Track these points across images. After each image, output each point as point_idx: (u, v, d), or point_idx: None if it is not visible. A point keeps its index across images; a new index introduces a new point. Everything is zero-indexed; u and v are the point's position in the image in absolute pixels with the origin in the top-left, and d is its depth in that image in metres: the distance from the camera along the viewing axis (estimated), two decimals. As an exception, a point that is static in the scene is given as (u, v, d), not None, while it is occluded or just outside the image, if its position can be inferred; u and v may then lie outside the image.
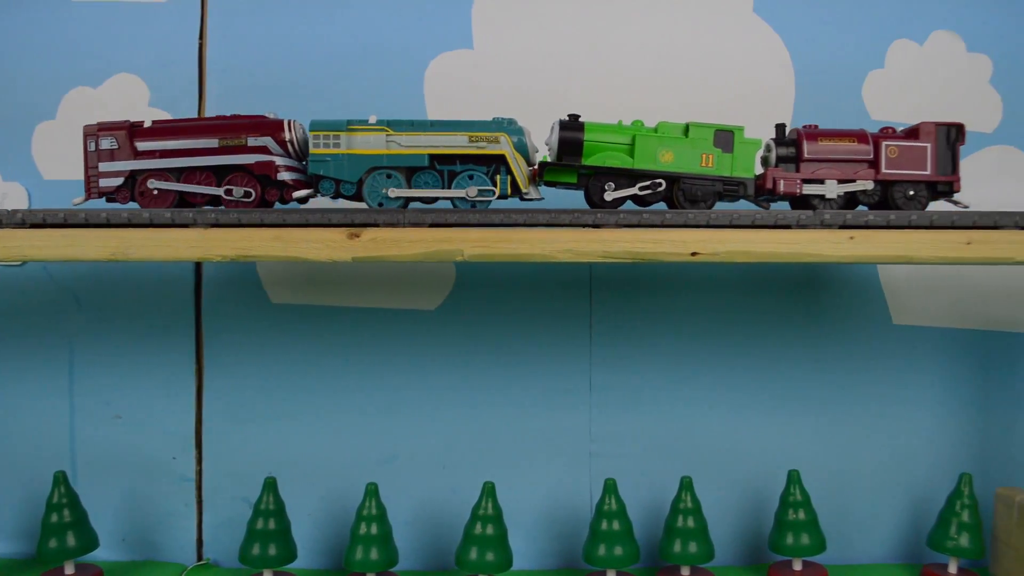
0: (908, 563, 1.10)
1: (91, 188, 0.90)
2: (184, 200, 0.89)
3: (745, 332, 1.10)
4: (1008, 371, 1.12)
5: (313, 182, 0.89)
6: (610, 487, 1.01)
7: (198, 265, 1.09)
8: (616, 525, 1.00)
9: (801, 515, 1.03)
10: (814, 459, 1.11)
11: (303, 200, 0.91)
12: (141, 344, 1.08)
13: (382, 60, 1.08)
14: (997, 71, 1.12)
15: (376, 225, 0.88)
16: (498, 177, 0.88)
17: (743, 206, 0.93)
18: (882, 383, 1.11)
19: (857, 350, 1.11)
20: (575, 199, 0.94)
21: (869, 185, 0.91)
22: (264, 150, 0.88)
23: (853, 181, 0.91)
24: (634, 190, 0.89)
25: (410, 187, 0.88)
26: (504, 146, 0.88)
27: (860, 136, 0.92)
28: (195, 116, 1.09)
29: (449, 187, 0.88)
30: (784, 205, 0.97)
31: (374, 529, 1.00)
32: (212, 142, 0.88)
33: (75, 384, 1.09)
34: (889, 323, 1.12)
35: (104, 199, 0.90)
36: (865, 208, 0.93)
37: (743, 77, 1.09)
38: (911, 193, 0.92)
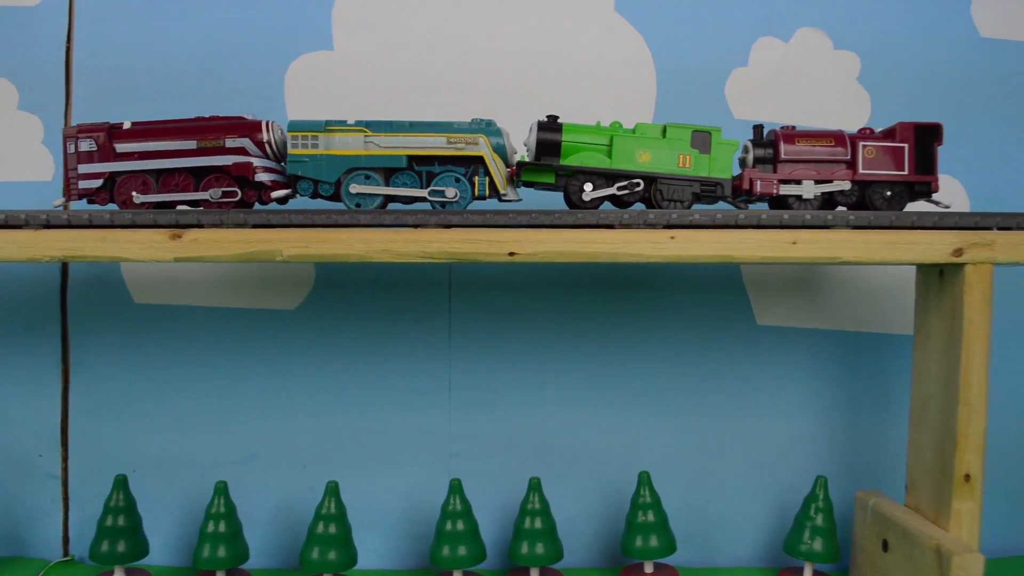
0: (769, 567, 1.09)
1: (70, 190, 0.91)
2: (163, 201, 0.90)
3: (606, 332, 1.10)
4: (875, 373, 1.11)
5: (291, 183, 0.90)
6: (455, 487, 1.00)
7: (64, 265, 1.10)
8: (461, 525, 1.00)
9: (650, 517, 1.02)
10: (676, 460, 1.10)
11: (282, 201, 0.92)
12: (8, 343, 1.10)
13: (244, 61, 1.08)
14: (865, 68, 1.10)
15: (200, 226, 0.89)
16: (476, 178, 0.89)
17: (722, 207, 0.93)
18: (745, 384, 1.10)
19: (720, 351, 1.10)
20: (554, 200, 0.94)
21: (846, 186, 0.91)
22: (242, 151, 0.89)
23: (830, 182, 0.91)
24: (612, 190, 0.90)
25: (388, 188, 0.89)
26: (482, 147, 0.88)
27: (837, 137, 0.92)
28: (63, 118, 1.10)
29: (427, 188, 0.89)
30: (763, 206, 0.96)
31: (222, 527, 1.00)
32: (190, 144, 0.89)
33: (-57, 382, 1.11)
34: (753, 324, 1.11)
35: (84, 200, 0.91)
36: (844, 208, 0.93)
37: (604, 76, 1.09)
38: (888, 194, 0.91)
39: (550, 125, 0.90)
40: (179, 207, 0.90)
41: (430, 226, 0.89)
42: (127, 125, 0.90)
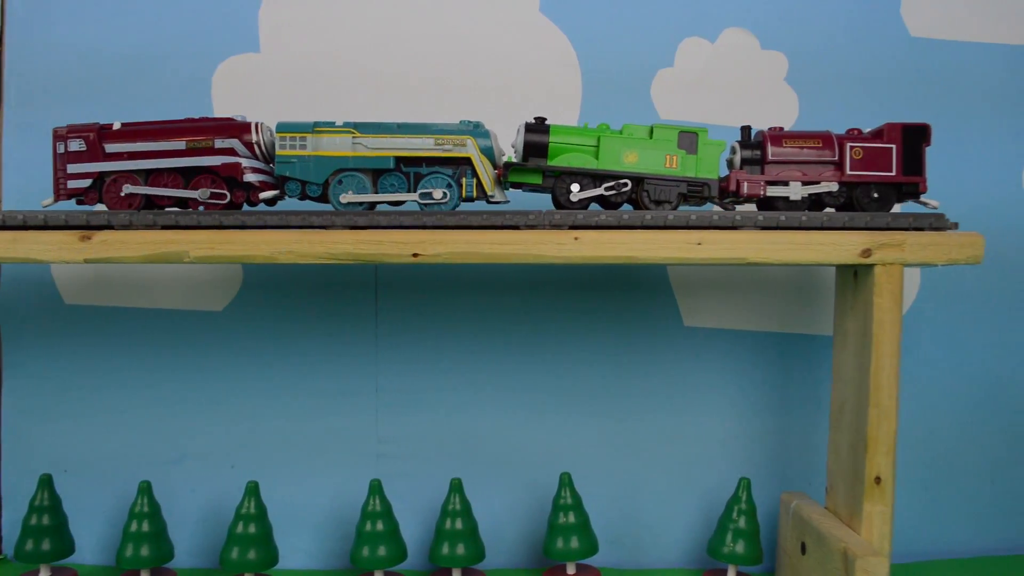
0: (696, 568, 1.09)
1: (60, 190, 0.91)
2: (151, 202, 0.90)
3: (534, 334, 1.10)
4: (804, 374, 1.10)
5: (280, 184, 0.90)
6: (374, 488, 1.00)
7: (-4, 266, 1.11)
8: (380, 526, 1.00)
9: (571, 518, 1.02)
10: (604, 462, 1.10)
11: (270, 202, 0.92)
12: (-58, 344, 1.11)
13: (172, 64, 1.09)
14: (792, 68, 1.10)
15: (111, 227, 0.90)
16: (464, 180, 0.89)
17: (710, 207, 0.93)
18: (673, 386, 1.10)
19: (648, 352, 1.10)
20: (543, 201, 0.95)
21: (834, 187, 0.90)
22: (231, 152, 0.89)
23: (818, 183, 0.91)
24: (599, 190, 0.90)
25: (376, 189, 0.89)
26: (470, 149, 0.88)
27: (825, 138, 0.91)
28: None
29: (415, 189, 0.89)
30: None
31: (146, 526, 1.01)
32: (179, 144, 0.89)
33: None
34: (680, 325, 1.10)
35: (73, 200, 0.92)
36: (832, 209, 0.92)
37: (529, 76, 1.09)
38: (876, 195, 0.91)
39: (537, 127, 0.90)
40: (168, 208, 0.91)
41: (337, 227, 0.89)
42: (117, 125, 0.91)
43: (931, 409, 1.12)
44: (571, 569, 1.03)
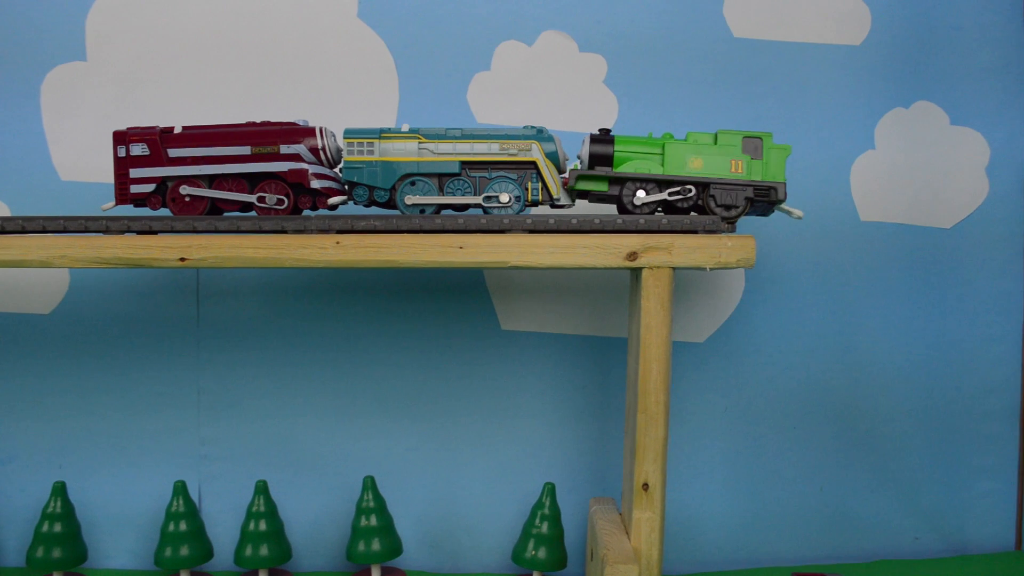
0: (507, 573, 1.08)
1: (121, 194, 0.93)
2: (216, 207, 0.92)
3: (352, 337, 1.10)
4: (624, 377, 1.09)
5: (347, 189, 0.92)
6: (178, 489, 1.02)
7: None
8: (184, 526, 1.01)
9: (373, 521, 1.02)
10: (422, 465, 1.10)
11: (335, 207, 0.93)
12: None
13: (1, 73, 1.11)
14: (611, 70, 1.09)
15: (-98, 233, 0.92)
16: (529, 184, 0.91)
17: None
18: (491, 390, 1.10)
19: (465, 356, 1.10)
20: (608, 208, 0.97)
21: None
22: (296, 158, 0.90)
23: None
24: (664, 196, 0.90)
25: (443, 194, 0.91)
26: (535, 153, 0.90)
27: None
28: None
29: (480, 194, 0.90)
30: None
31: (-38, 525, 1.04)
32: (244, 150, 0.90)
33: None
34: (497, 329, 1.10)
35: (133, 204, 0.94)
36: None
37: (347, 81, 1.09)
38: None
39: (602, 138, 0.91)
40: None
41: (112, 232, 0.90)
42: (178, 129, 0.92)
43: (756, 415, 1.10)
44: (376, 572, 1.03)
